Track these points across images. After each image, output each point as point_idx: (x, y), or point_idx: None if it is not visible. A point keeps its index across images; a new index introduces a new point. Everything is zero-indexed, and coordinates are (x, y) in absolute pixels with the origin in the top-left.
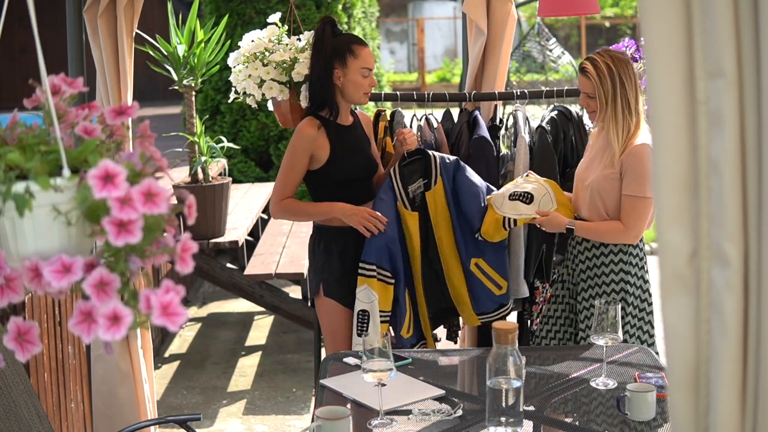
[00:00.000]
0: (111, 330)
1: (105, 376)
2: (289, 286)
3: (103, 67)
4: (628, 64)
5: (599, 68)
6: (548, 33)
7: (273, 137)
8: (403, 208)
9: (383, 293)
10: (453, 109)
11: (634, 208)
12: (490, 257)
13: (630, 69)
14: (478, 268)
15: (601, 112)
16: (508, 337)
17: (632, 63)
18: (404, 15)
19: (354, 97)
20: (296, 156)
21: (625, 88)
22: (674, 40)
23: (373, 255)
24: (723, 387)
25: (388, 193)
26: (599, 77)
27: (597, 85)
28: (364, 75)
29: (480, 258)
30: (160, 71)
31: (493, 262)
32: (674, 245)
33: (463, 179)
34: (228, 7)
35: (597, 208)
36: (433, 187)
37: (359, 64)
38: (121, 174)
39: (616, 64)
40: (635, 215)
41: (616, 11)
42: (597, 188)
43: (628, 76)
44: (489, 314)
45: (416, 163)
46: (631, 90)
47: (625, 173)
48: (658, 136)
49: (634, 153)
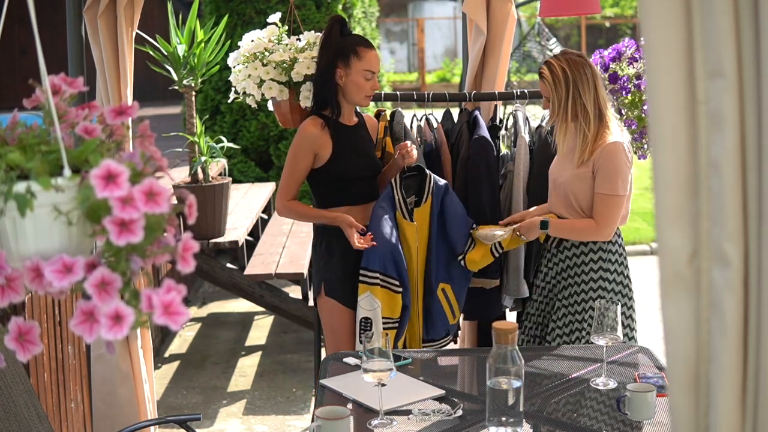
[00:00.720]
0: (113, 330)
1: (105, 376)
2: (289, 286)
3: (103, 67)
4: (585, 66)
5: (555, 74)
6: (548, 33)
7: (273, 137)
8: (402, 218)
9: (389, 301)
10: (453, 109)
11: (606, 206)
12: (457, 285)
13: (587, 72)
14: (444, 294)
15: (553, 113)
16: (508, 337)
17: (592, 65)
18: (404, 15)
19: (354, 98)
20: (299, 154)
21: (579, 92)
22: (674, 40)
23: (376, 262)
24: (723, 387)
25: (387, 202)
26: (554, 83)
27: (551, 91)
28: (366, 77)
29: (448, 284)
30: (160, 71)
31: (457, 291)
32: (674, 245)
33: (452, 201)
34: (228, 7)
35: (572, 206)
36: (422, 205)
37: (362, 66)
38: (124, 174)
39: (572, 68)
40: (607, 213)
41: (616, 11)
42: (570, 187)
43: (586, 80)
44: (435, 341)
45: (412, 179)
46: (588, 94)
47: (597, 172)
48: (658, 136)
49: (606, 152)
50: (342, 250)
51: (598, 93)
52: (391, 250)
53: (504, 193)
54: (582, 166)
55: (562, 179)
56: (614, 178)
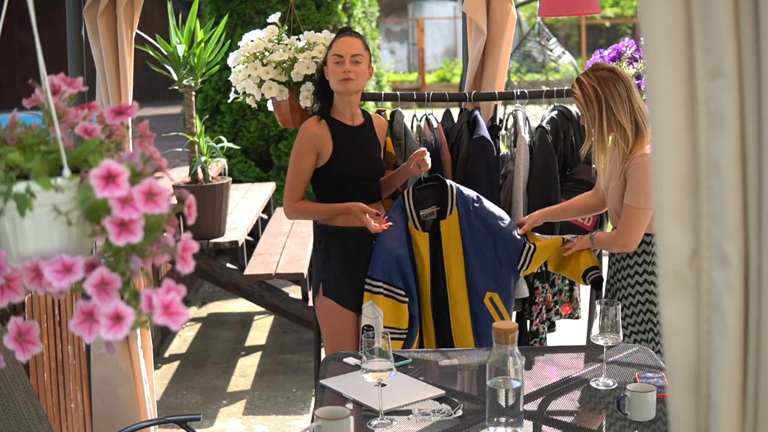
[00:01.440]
0: (113, 329)
1: (105, 376)
2: (289, 286)
3: (103, 67)
4: (617, 81)
5: (585, 92)
6: (548, 33)
7: (273, 137)
8: (413, 228)
9: (395, 311)
10: (453, 109)
11: (628, 217)
12: (504, 293)
13: (620, 87)
14: (492, 303)
15: (589, 136)
16: (508, 337)
17: (625, 78)
18: (404, 15)
19: (335, 86)
20: (302, 154)
21: (612, 111)
22: (674, 40)
23: (380, 272)
24: (723, 387)
25: (397, 213)
26: (585, 102)
27: (584, 110)
28: (335, 62)
29: (495, 293)
30: (160, 71)
31: (505, 298)
32: (674, 245)
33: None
34: (228, 7)
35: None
36: (448, 216)
37: (332, 53)
38: (124, 174)
39: (602, 85)
40: (627, 223)
41: (617, 11)
42: (611, 199)
43: (618, 95)
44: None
45: (430, 189)
46: (623, 110)
47: (627, 183)
48: (658, 136)
49: (636, 164)
50: (339, 250)
51: (633, 106)
52: (397, 259)
53: (504, 193)
54: (617, 179)
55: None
56: (640, 191)
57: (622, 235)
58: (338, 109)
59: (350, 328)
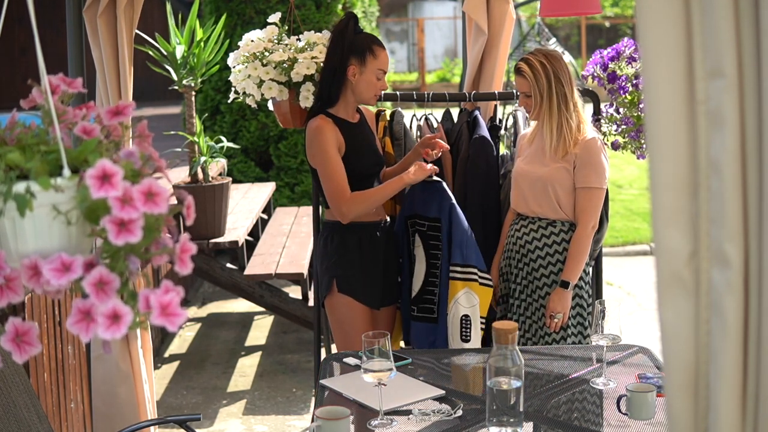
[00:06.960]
0: (111, 329)
1: (105, 376)
2: (289, 286)
3: (103, 67)
4: (562, 61)
5: (534, 66)
6: (548, 33)
7: (273, 137)
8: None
9: (485, 298)
10: (453, 109)
11: (589, 199)
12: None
13: (564, 66)
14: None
15: (536, 107)
16: (508, 337)
17: (564, 61)
18: (404, 15)
19: (364, 96)
20: (329, 151)
21: (561, 83)
22: (674, 40)
23: (473, 257)
24: (723, 389)
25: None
26: (534, 74)
27: (532, 82)
28: (378, 77)
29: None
30: (160, 71)
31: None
32: (672, 246)
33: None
34: (228, 7)
35: (549, 200)
36: None
37: (376, 65)
38: (119, 174)
39: (551, 61)
40: (591, 206)
41: (616, 11)
42: (551, 180)
43: (563, 72)
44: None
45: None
46: (567, 85)
47: (578, 166)
48: (657, 136)
49: (587, 146)
50: (357, 243)
51: (573, 87)
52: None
53: (504, 193)
54: (563, 160)
55: (540, 173)
56: (598, 171)
57: (591, 218)
58: (344, 108)
59: (366, 325)
